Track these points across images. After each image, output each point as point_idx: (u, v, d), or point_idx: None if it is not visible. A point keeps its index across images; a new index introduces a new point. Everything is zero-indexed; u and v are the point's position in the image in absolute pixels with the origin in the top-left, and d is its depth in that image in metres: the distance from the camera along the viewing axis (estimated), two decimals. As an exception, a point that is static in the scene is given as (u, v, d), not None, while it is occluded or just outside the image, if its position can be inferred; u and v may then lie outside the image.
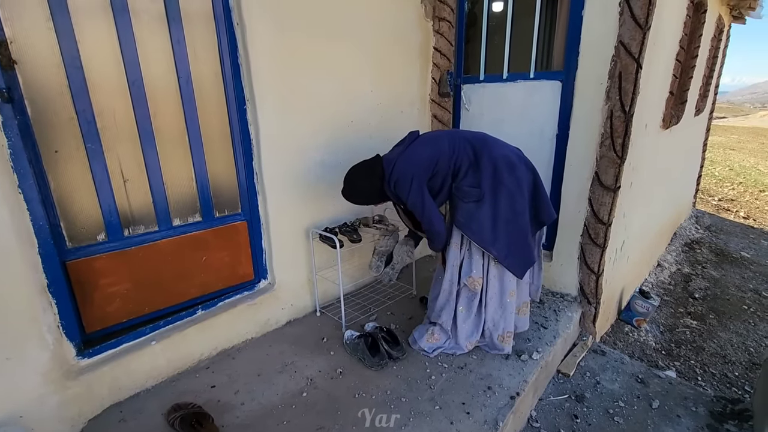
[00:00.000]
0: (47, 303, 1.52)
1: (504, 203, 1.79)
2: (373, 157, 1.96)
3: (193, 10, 1.76)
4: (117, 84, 1.63)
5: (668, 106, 3.01)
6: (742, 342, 3.04)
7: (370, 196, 1.94)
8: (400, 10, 2.54)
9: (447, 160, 1.82)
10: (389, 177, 1.83)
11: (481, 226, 1.82)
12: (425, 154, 1.83)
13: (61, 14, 1.46)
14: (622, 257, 2.82)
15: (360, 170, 1.93)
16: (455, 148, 1.84)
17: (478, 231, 1.82)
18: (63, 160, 1.56)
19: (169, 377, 1.89)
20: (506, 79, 2.65)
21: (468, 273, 1.92)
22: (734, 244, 5.13)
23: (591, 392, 2.09)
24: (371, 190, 1.90)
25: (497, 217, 1.80)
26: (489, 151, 1.83)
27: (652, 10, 1.99)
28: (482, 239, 1.83)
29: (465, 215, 1.84)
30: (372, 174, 1.88)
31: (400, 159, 1.84)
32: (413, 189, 1.78)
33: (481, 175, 1.80)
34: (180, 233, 1.92)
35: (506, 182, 1.79)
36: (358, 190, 1.93)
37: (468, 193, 1.82)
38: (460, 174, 1.83)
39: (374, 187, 1.88)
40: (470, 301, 1.98)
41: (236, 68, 1.92)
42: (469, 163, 1.83)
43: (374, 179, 1.87)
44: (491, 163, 1.80)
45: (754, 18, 5.09)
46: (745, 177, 9.51)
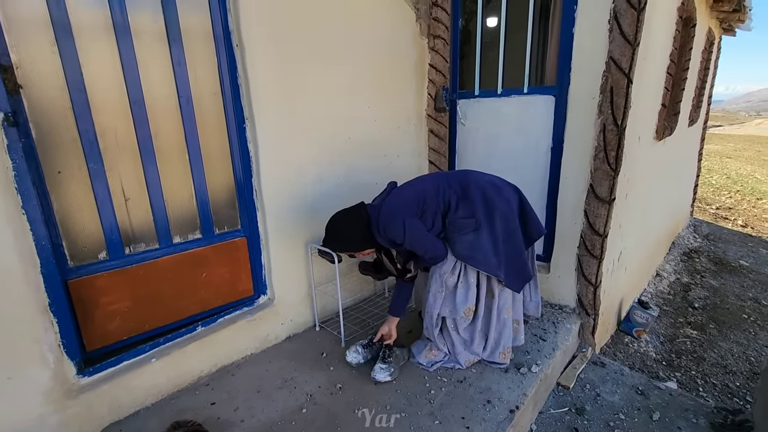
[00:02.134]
0: (49, 322, 1.54)
1: (500, 225, 1.82)
2: (357, 204, 1.94)
3: (193, 32, 1.81)
4: (119, 105, 1.67)
5: (661, 118, 3.06)
6: (742, 351, 3.03)
7: (353, 241, 1.89)
8: (396, 29, 2.61)
9: (434, 197, 1.84)
10: (377, 223, 1.81)
11: (485, 255, 1.82)
12: (410, 194, 1.86)
13: (66, 39, 1.51)
14: (620, 268, 2.84)
15: (344, 216, 1.90)
16: (440, 185, 1.86)
17: (484, 260, 1.83)
18: (66, 181, 1.59)
19: (169, 395, 1.89)
20: (501, 94, 2.70)
21: (464, 304, 1.92)
22: (733, 252, 5.14)
23: (591, 405, 2.09)
24: (355, 236, 1.86)
25: (496, 240, 1.82)
26: (474, 181, 1.86)
27: (640, 27, 2.05)
28: (489, 267, 1.84)
29: (466, 248, 1.83)
30: (357, 219, 1.86)
31: (385, 204, 1.85)
32: (408, 227, 1.75)
33: (473, 205, 1.82)
34: (180, 250, 1.94)
35: (498, 205, 1.81)
36: (343, 236, 1.88)
37: (464, 225, 1.82)
38: (451, 209, 1.84)
39: (359, 233, 1.85)
40: (469, 327, 2.00)
41: (236, 88, 1.96)
42: (457, 196, 1.84)
43: (359, 224, 1.84)
44: (480, 191, 1.82)
45: (743, 30, 5.20)
46: (742, 185, 9.56)
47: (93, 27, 1.57)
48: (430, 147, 3.01)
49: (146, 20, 1.68)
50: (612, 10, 2.09)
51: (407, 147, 2.85)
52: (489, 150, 2.83)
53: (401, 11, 2.61)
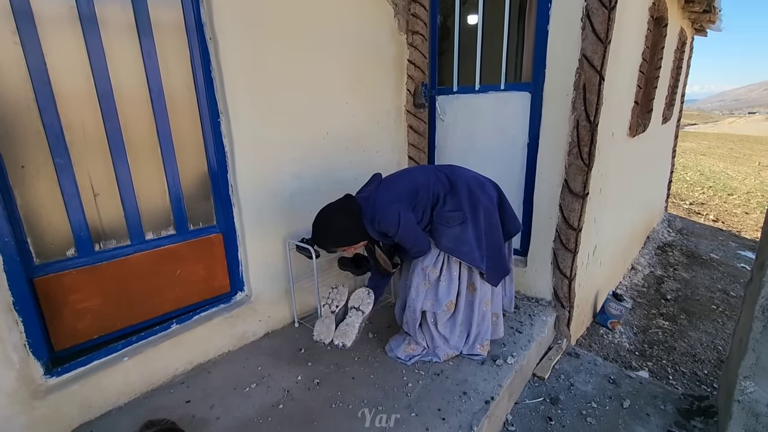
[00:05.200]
0: (13, 321, 1.49)
1: (483, 220, 1.86)
2: (343, 196, 1.88)
3: (164, 23, 1.77)
4: (86, 97, 1.63)
5: (634, 115, 3.14)
6: (711, 341, 3.15)
7: (346, 236, 1.82)
8: (374, 24, 2.60)
9: (426, 191, 1.85)
10: (371, 215, 1.77)
11: (470, 247, 1.85)
12: (404, 185, 1.85)
13: (28, 28, 1.46)
14: (595, 261, 2.91)
15: (333, 210, 1.82)
16: (429, 179, 1.88)
17: (469, 252, 1.85)
18: (30, 175, 1.54)
19: (143, 394, 1.86)
20: (478, 90, 2.72)
21: (447, 297, 1.95)
22: (704, 246, 5.33)
23: (565, 394, 2.14)
24: (348, 229, 1.80)
25: (479, 234, 1.86)
26: (460, 176, 1.91)
27: (611, 26, 2.09)
28: (473, 259, 1.87)
29: (452, 240, 1.85)
30: (348, 212, 1.79)
31: (379, 195, 1.80)
32: (402, 220, 1.73)
33: (459, 199, 1.85)
34: (153, 247, 1.90)
35: (482, 200, 1.86)
36: (335, 231, 1.81)
37: (451, 217, 1.84)
38: (439, 202, 1.87)
39: (352, 226, 1.79)
40: (449, 321, 2.02)
41: (209, 81, 1.93)
42: (445, 190, 1.87)
43: (351, 217, 1.78)
44: (465, 185, 1.87)
45: (714, 31, 5.36)
46: (714, 181, 9.89)
47: (57, 17, 1.52)
48: (409, 143, 3.02)
49: (114, 10, 1.64)
50: (584, 8, 2.13)
51: (386, 142, 2.86)
52: (467, 145, 2.86)
53: (379, 6, 2.60)
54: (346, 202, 1.85)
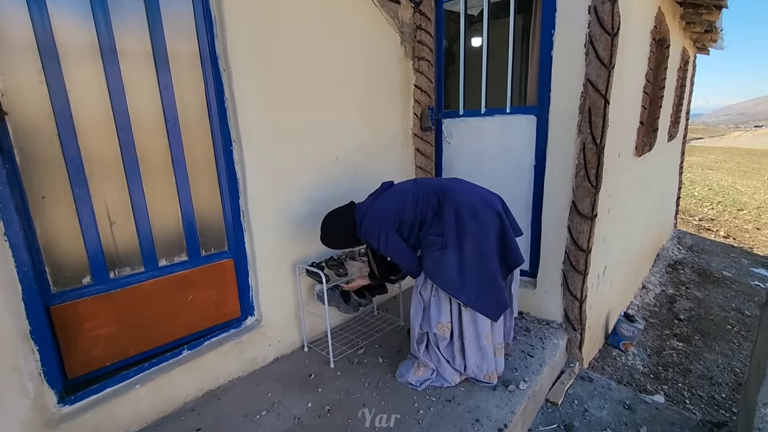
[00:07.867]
0: (29, 350, 1.51)
1: (469, 249, 1.81)
2: (347, 204, 2.07)
3: (180, 56, 1.84)
4: (105, 129, 1.68)
5: (640, 135, 3.16)
6: (727, 363, 3.08)
7: (344, 241, 2.06)
8: (382, 51, 2.67)
9: (411, 212, 1.89)
10: (359, 226, 1.94)
11: (448, 274, 1.83)
12: (389, 207, 1.91)
13: (52, 66, 1.53)
14: (605, 282, 2.88)
15: (333, 218, 2.04)
16: (419, 200, 1.90)
17: (445, 279, 1.84)
18: (50, 206, 1.59)
19: (154, 421, 1.85)
20: (484, 113, 2.77)
21: (437, 319, 1.95)
22: (716, 263, 5.25)
23: (579, 421, 2.09)
24: (345, 236, 2.01)
25: (464, 262, 1.82)
26: (452, 199, 1.85)
27: (614, 51, 2.14)
28: (449, 287, 1.84)
29: (432, 263, 1.86)
30: (344, 222, 1.99)
31: (368, 212, 1.94)
32: (382, 239, 1.87)
33: (444, 224, 1.83)
34: (166, 273, 1.93)
35: (470, 228, 1.80)
36: (334, 237, 2.04)
37: (432, 241, 1.86)
38: (425, 224, 1.89)
39: (347, 234, 1.99)
40: (447, 345, 2.01)
41: (223, 111, 1.99)
42: (433, 213, 1.88)
43: (346, 226, 1.98)
44: (453, 211, 1.82)
45: (716, 49, 5.41)
46: (723, 196, 9.80)
47: (80, 53, 1.59)
48: (416, 165, 3.06)
49: (133, 45, 1.71)
50: (588, 35, 2.18)
51: (394, 166, 2.90)
52: (474, 167, 2.89)
53: (386, 34, 2.68)
54: (345, 211, 2.03)
